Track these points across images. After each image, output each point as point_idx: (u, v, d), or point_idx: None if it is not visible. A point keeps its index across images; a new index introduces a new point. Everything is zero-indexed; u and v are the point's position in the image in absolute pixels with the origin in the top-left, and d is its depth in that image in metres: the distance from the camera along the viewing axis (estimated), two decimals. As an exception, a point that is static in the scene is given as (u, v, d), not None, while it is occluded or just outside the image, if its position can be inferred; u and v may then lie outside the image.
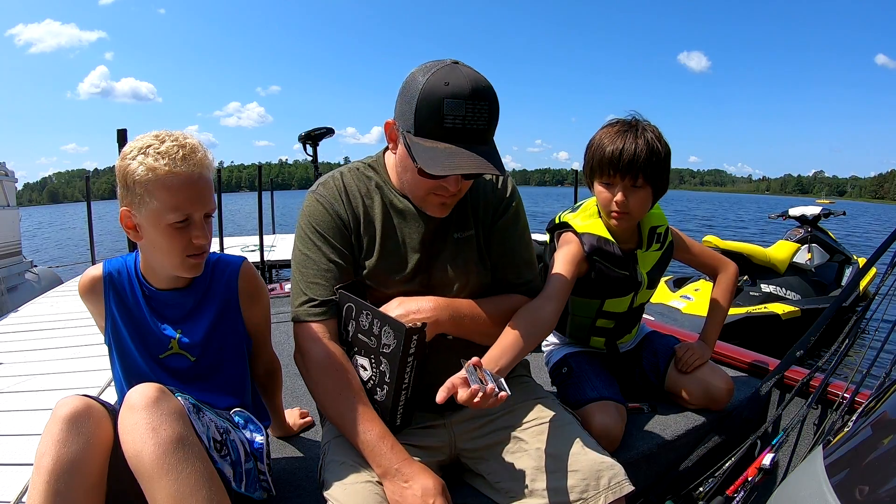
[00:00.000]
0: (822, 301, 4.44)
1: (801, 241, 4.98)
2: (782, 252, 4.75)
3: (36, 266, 7.35)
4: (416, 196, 0.99)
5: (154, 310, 0.98)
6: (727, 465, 1.22)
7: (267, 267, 5.66)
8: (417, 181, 0.94)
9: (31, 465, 0.78)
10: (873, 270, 1.66)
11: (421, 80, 0.87)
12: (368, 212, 1.02)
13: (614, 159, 1.16)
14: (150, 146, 0.87)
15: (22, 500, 1.35)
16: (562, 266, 1.13)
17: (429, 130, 0.87)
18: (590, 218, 1.28)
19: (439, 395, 0.80)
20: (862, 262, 4.28)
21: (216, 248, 4.97)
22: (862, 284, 2.38)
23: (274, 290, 2.78)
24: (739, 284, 3.89)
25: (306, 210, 1.02)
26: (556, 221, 1.33)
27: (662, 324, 1.98)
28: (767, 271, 4.64)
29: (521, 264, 1.09)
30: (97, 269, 0.99)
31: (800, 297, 4.50)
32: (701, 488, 1.21)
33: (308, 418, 1.36)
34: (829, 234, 5.35)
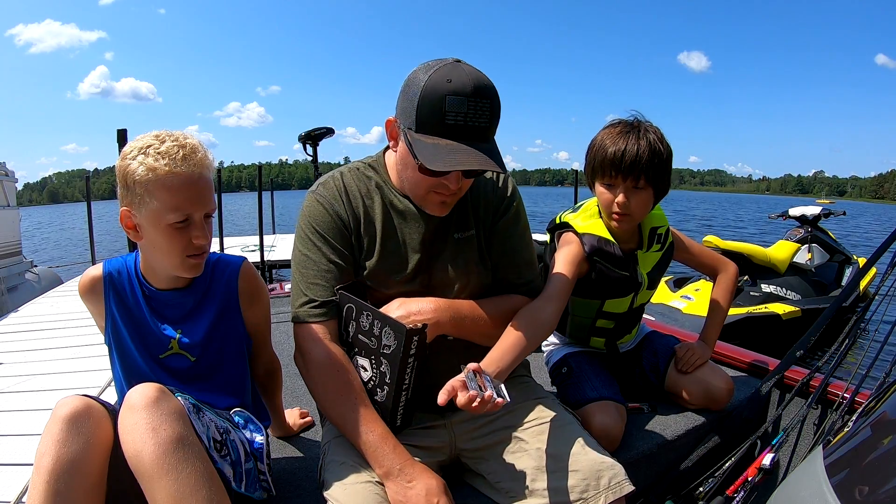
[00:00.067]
0: (822, 301, 4.44)
1: (802, 241, 4.99)
2: (782, 252, 4.76)
3: (36, 266, 7.35)
4: (416, 194, 0.98)
5: (154, 310, 0.98)
6: (727, 465, 1.22)
7: (267, 267, 5.66)
8: (418, 178, 0.94)
9: (31, 465, 0.78)
10: (873, 270, 1.66)
11: (423, 77, 0.87)
12: (369, 212, 1.02)
13: (616, 160, 1.16)
14: (150, 146, 0.87)
15: (22, 500, 1.35)
16: (562, 266, 1.13)
17: (430, 127, 0.87)
18: (590, 218, 1.28)
19: (440, 397, 0.80)
20: (862, 262, 4.27)
21: (216, 248, 4.97)
22: (862, 284, 2.38)
23: (274, 290, 2.78)
24: (740, 284, 3.90)
25: (306, 210, 1.02)
26: (557, 221, 1.32)
27: (662, 324, 1.98)
28: (767, 271, 4.64)
29: (522, 264, 1.09)
30: (97, 269, 0.99)
31: (800, 297, 4.51)
32: (701, 488, 1.21)
33: (308, 418, 1.36)
34: (829, 234, 5.35)
